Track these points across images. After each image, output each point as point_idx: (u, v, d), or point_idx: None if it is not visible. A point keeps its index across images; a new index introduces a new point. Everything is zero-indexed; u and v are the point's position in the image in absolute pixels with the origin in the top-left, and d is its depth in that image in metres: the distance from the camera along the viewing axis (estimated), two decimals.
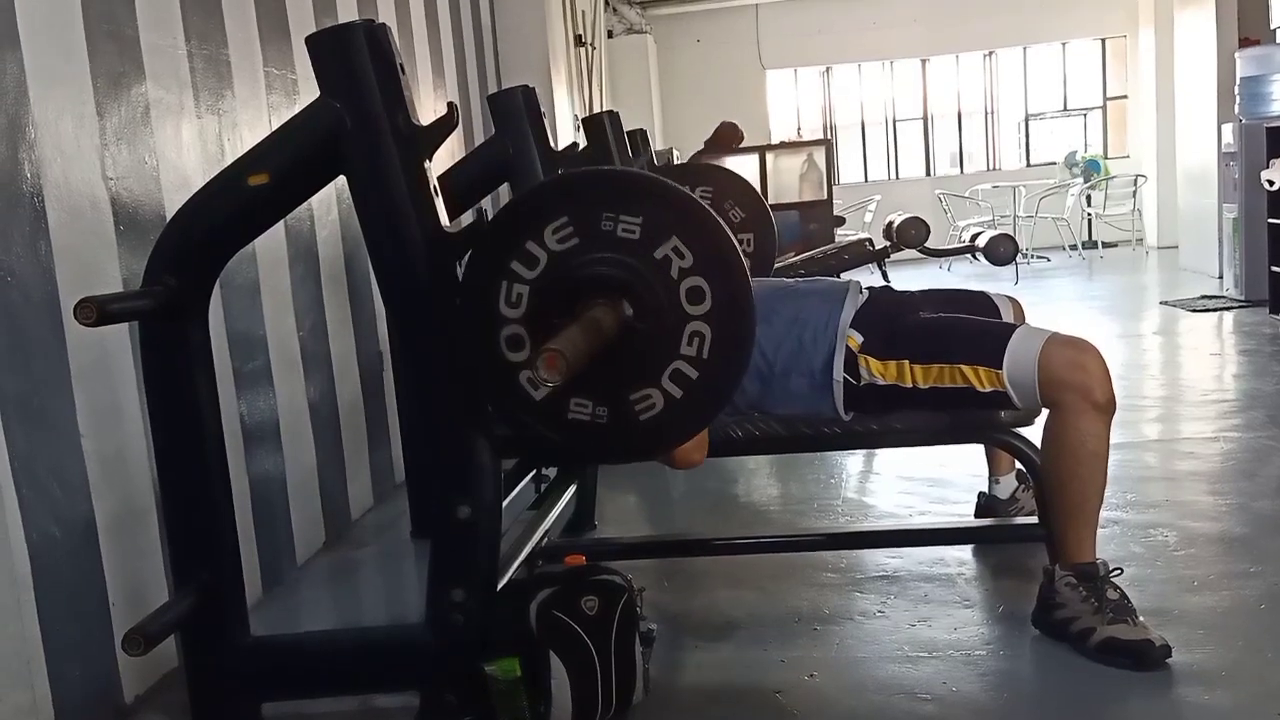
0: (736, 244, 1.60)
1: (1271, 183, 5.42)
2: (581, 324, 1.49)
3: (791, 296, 2.17)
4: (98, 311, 1.55)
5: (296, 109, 1.86)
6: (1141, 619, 1.91)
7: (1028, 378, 1.94)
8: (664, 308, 1.56)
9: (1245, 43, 6.70)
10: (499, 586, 1.85)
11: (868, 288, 2.24)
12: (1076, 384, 1.92)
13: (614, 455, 1.75)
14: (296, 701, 1.94)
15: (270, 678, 1.84)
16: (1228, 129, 6.32)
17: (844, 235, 6.28)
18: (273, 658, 1.85)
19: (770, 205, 6.72)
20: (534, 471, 2.46)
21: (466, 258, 1.68)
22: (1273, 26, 6.50)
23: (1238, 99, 6.27)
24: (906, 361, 2.02)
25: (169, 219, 1.82)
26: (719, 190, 2.91)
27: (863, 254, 4.79)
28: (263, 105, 2.78)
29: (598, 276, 1.56)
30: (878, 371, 2.03)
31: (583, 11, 7.57)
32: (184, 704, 1.85)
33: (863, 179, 11.77)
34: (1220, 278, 6.55)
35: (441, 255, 1.72)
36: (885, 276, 4.58)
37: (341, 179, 1.73)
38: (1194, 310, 6.02)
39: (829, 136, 11.01)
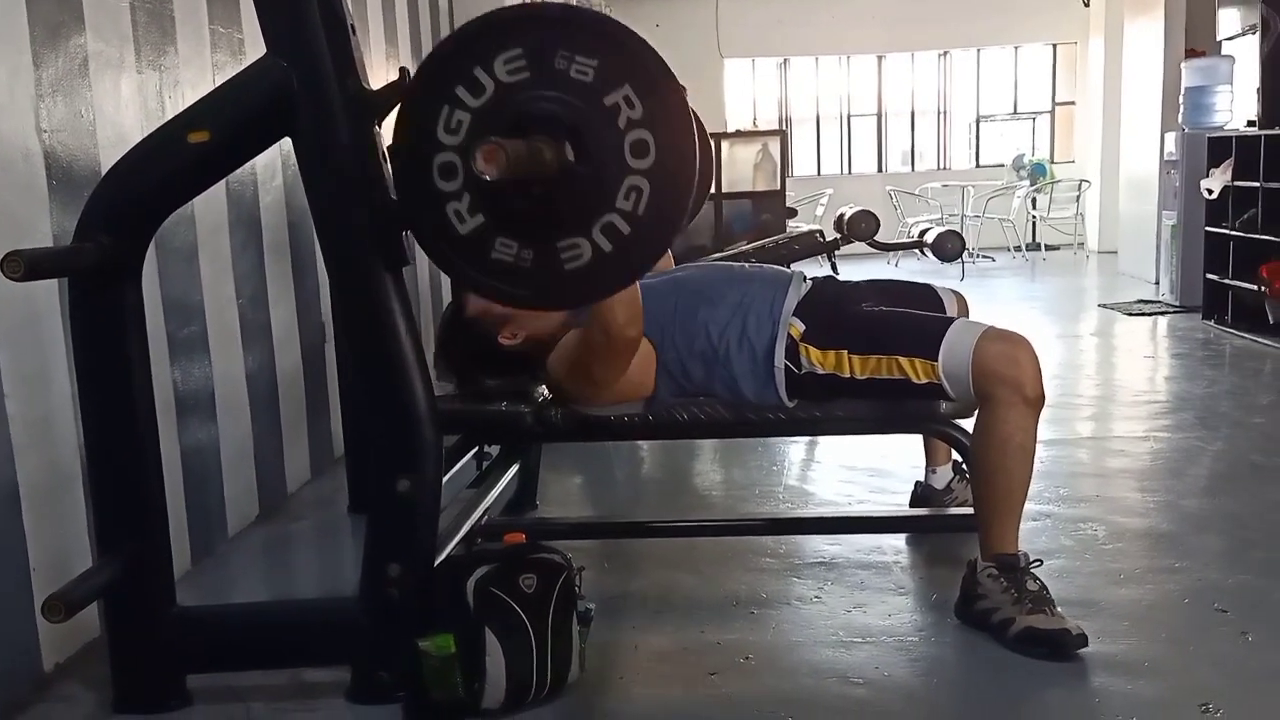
0: (688, 105, 1.55)
1: (1210, 191, 5.55)
2: (525, 142, 1.44)
3: (738, 281, 2.17)
4: (26, 266, 1.50)
5: (242, 68, 1.81)
6: (1059, 609, 1.94)
7: (962, 370, 1.96)
8: (606, 156, 1.51)
9: (1191, 54, 6.84)
10: (436, 562, 1.83)
11: (812, 278, 2.25)
12: (1008, 378, 1.95)
13: (533, 300, 1.70)
14: (224, 674, 1.90)
15: (195, 649, 1.81)
16: (1170, 138, 6.45)
17: (796, 226, 6.31)
18: (198, 629, 1.82)
19: (724, 194, 6.75)
20: (476, 449, 2.44)
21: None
22: (1218, 39, 6.65)
23: (1181, 109, 6.40)
24: (845, 351, 2.03)
25: (104, 175, 1.76)
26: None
27: (813, 245, 4.82)
28: (207, 63, 2.71)
29: (543, 113, 1.51)
30: (817, 360, 2.04)
31: None
32: (105, 675, 1.81)
33: (816, 172, 11.83)
34: (1157, 283, 6.70)
35: (388, 224, 1.69)
36: (835, 268, 4.61)
37: (287, 141, 1.69)
38: (1131, 314, 6.15)
39: (784, 128, 11.05)
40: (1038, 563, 2.01)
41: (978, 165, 11.77)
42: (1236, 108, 6.14)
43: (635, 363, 2.05)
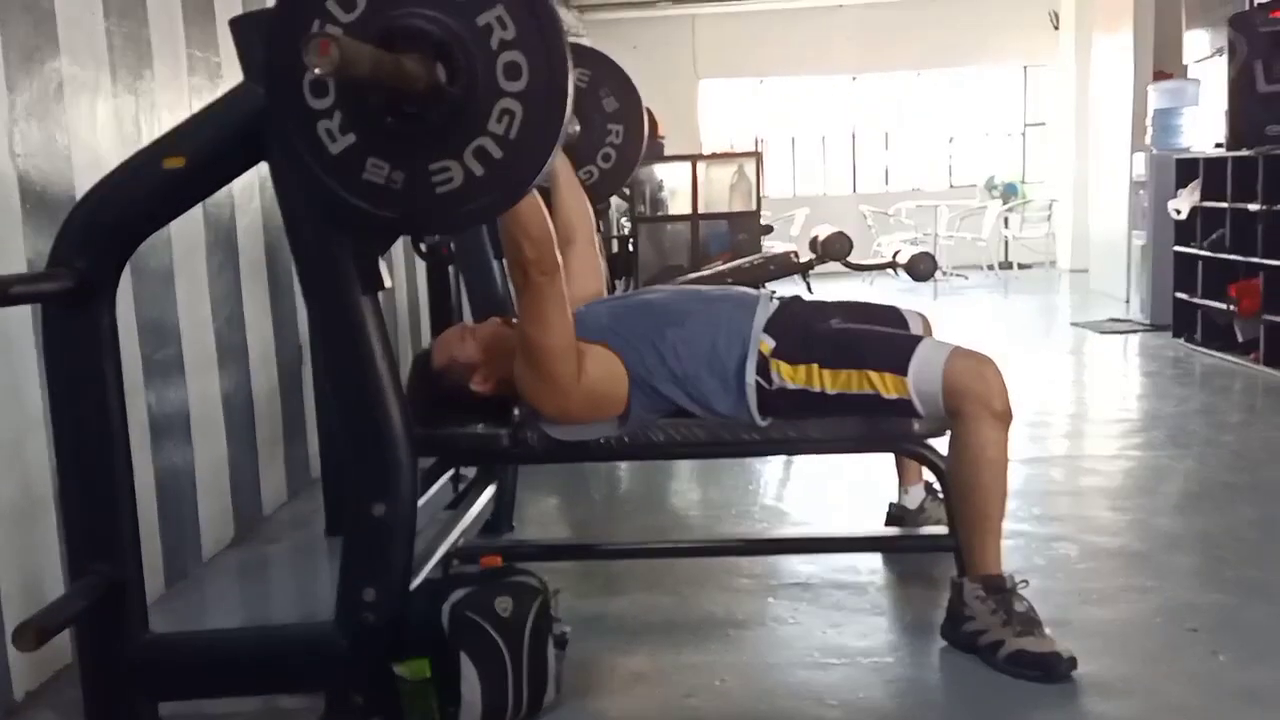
0: (563, 29, 1.52)
1: (1179, 212, 5.63)
2: (378, 50, 1.41)
3: (705, 301, 2.19)
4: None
5: (220, 93, 1.82)
6: (1049, 631, 1.96)
7: (932, 386, 1.98)
8: (477, 76, 1.48)
9: (1159, 76, 6.95)
10: (412, 586, 1.83)
11: (779, 297, 2.27)
12: (977, 393, 1.98)
13: (403, 224, 1.68)
14: (198, 701, 1.89)
15: (169, 676, 1.79)
16: (1139, 159, 6.54)
17: (771, 247, 6.35)
18: (172, 655, 1.81)
19: (700, 214, 6.77)
20: (452, 471, 2.44)
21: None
22: (1186, 61, 6.75)
23: (1150, 130, 6.49)
24: (816, 365, 2.05)
25: (79, 199, 1.76)
26: (596, 76, 2.83)
27: (788, 265, 4.85)
28: (184, 87, 2.71)
29: (414, 29, 1.48)
30: (788, 376, 2.06)
31: None
32: (78, 701, 1.79)
33: (791, 192, 11.91)
34: (1128, 302, 6.77)
35: (364, 249, 1.70)
36: (809, 288, 4.64)
37: (264, 166, 1.70)
38: (1102, 332, 6.21)
39: (759, 149, 11.12)
40: (1024, 583, 2.02)
41: (951, 185, 11.88)
42: (1204, 130, 6.23)
43: (606, 378, 2.05)
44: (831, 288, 6.09)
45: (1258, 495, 3.06)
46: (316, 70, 1.29)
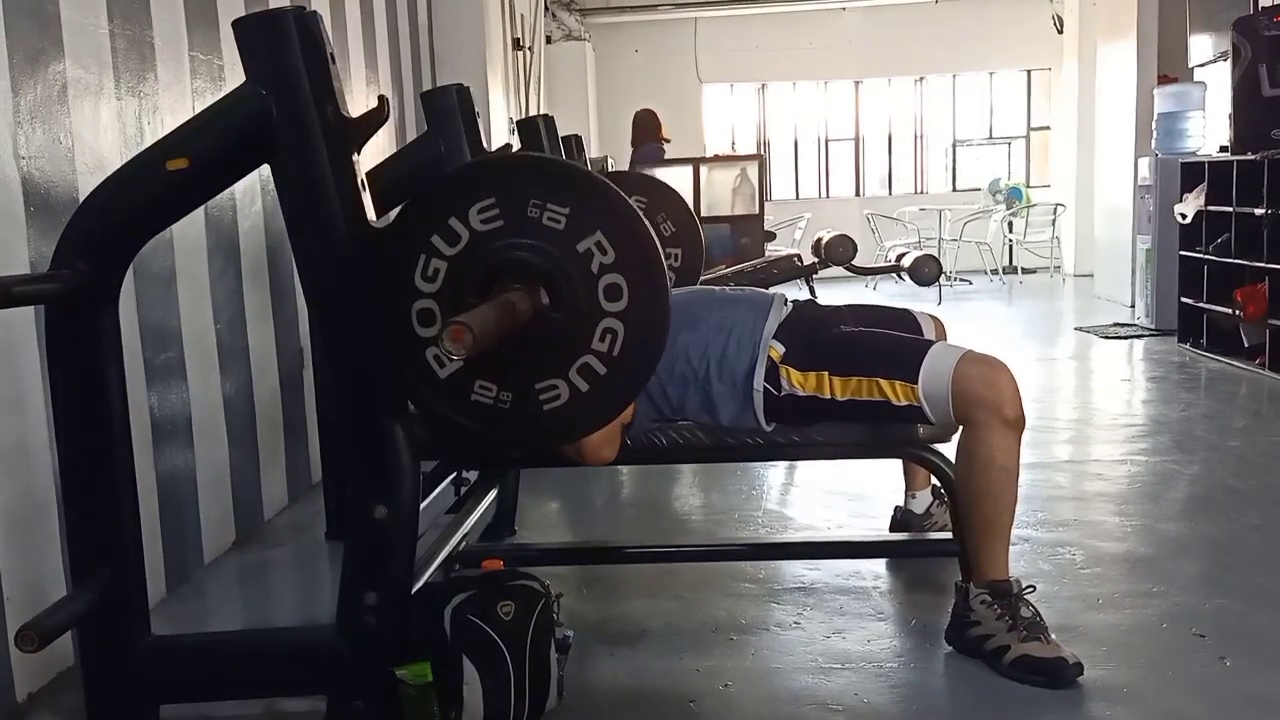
0: (660, 247, 1.60)
1: (1184, 216, 5.62)
2: (495, 304, 1.47)
3: (718, 304, 2.18)
4: (2, 293, 1.49)
5: (222, 95, 1.81)
6: (1054, 636, 1.95)
7: (941, 393, 1.97)
8: (580, 300, 1.55)
9: (1164, 80, 6.94)
10: (414, 590, 1.82)
11: (792, 301, 2.26)
12: (988, 400, 1.96)
13: (513, 443, 1.76)
14: (198, 705, 1.88)
15: (170, 679, 1.79)
16: (1144, 163, 6.53)
17: (774, 250, 6.34)
18: (174, 658, 1.80)
19: (702, 218, 6.77)
20: (454, 474, 2.43)
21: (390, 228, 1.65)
22: (1190, 65, 6.75)
23: (1154, 134, 6.49)
24: (826, 373, 2.04)
25: (82, 201, 1.75)
26: (652, 202, 2.92)
27: (791, 269, 4.84)
28: (186, 90, 2.71)
29: (517, 261, 1.55)
30: (797, 382, 2.05)
31: (522, 15, 7.54)
32: (80, 704, 1.78)
33: (794, 196, 11.92)
34: (1133, 306, 6.76)
35: (366, 251, 1.69)
36: (813, 292, 4.63)
37: (266, 168, 1.69)
38: (1107, 337, 6.20)
39: (762, 152, 11.13)
40: (1030, 588, 2.01)
41: (954, 189, 11.87)
42: (1209, 133, 6.23)
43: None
44: (835, 292, 6.08)
45: (1264, 500, 3.05)
46: (454, 356, 1.39)
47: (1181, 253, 5.70)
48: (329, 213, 1.66)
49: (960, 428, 2.02)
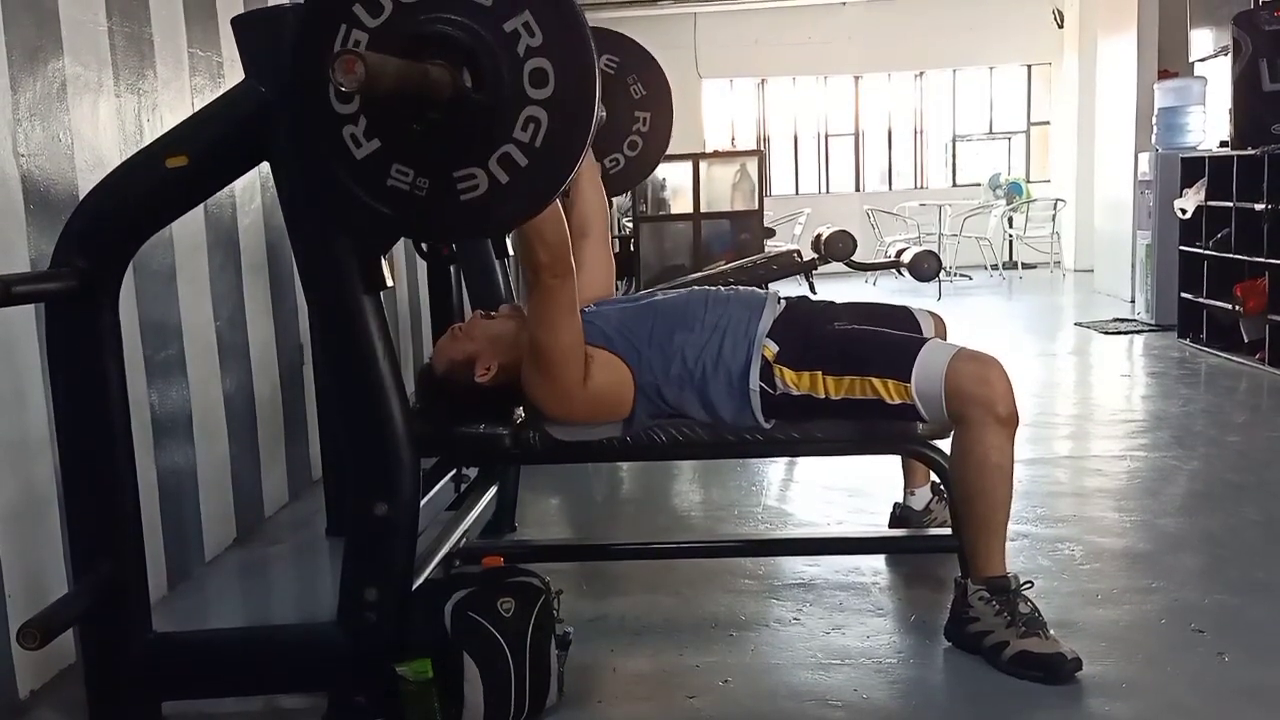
0: (589, 36, 1.51)
1: (1184, 211, 5.62)
2: (403, 60, 1.41)
3: (713, 303, 2.18)
4: (2, 291, 1.49)
5: (221, 92, 1.82)
6: (1053, 632, 1.95)
7: (935, 391, 1.97)
8: (504, 83, 1.47)
9: (1164, 75, 6.93)
10: (414, 586, 1.82)
11: (785, 297, 2.26)
12: (981, 398, 1.97)
13: (429, 230, 1.67)
14: (199, 700, 1.88)
15: (172, 675, 1.80)
16: (1144, 158, 6.52)
17: (774, 246, 6.35)
18: (175, 655, 1.81)
19: (702, 214, 6.77)
20: (454, 471, 2.43)
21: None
22: (1191, 60, 6.74)
23: (1155, 129, 6.48)
24: (819, 372, 2.04)
25: (82, 199, 1.76)
26: (624, 62, 2.77)
27: (791, 265, 4.84)
28: (185, 87, 2.71)
29: (440, 35, 1.47)
30: (792, 382, 2.05)
31: None
32: (81, 701, 1.79)
33: (794, 191, 11.90)
34: (1133, 302, 6.76)
35: (367, 248, 1.70)
36: (812, 288, 4.63)
37: (265, 165, 1.69)
38: (1106, 332, 6.20)
39: (762, 148, 11.12)
40: (1029, 584, 2.02)
41: (954, 184, 11.86)
42: (1209, 128, 6.22)
43: (611, 384, 2.05)
44: (835, 288, 6.09)
45: (1263, 496, 3.05)
46: (343, 87, 1.29)
47: (1181, 248, 5.70)
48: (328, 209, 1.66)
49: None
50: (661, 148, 2.82)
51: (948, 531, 2.19)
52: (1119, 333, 6.16)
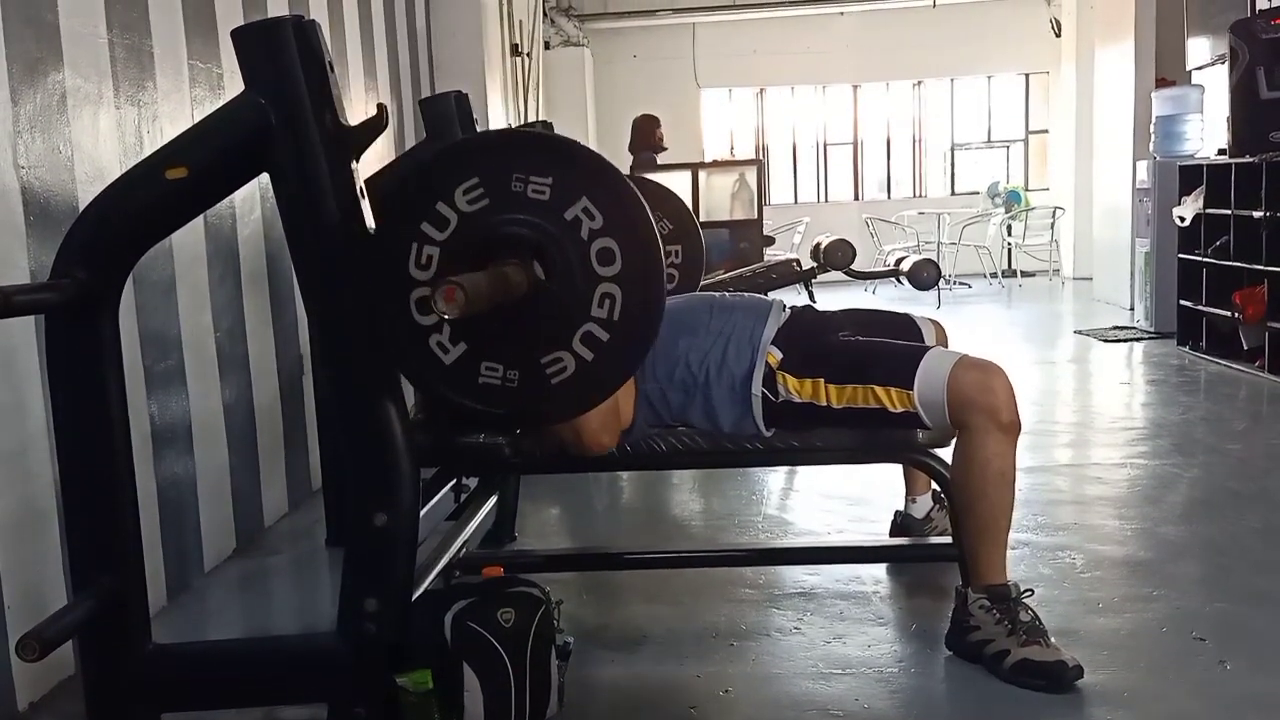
0: (646, 206, 1.59)
1: (1183, 219, 5.62)
2: (486, 272, 1.48)
3: (718, 310, 2.18)
4: (2, 302, 1.49)
5: (221, 104, 1.82)
6: (1054, 640, 1.95)
7: (937, 399, 1.98)
8: (574, 268, 1.55)
9: (1162, 83, 6.95)
10: (414, 597, 1.82)
11: (790, 306, 2.27)
12: (984, 405, 1.97)
13: (525, 419, 1.75)
14: (201, 712, 1.88)
15: (172, 687, 1.79)
16: (1142, 166, 6.53)
17: (773, 255, 6.35)
18: (175, 666, 1.80)
19: (701, 223, 6.75)
20: (454, 481, 2.43)
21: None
22: (1188, 68, 6.76)
23: (1153, 137, 6.49)
24: (822, 380, 2.04)
25: (81, 210, 1.76)
26: (650, 203, 2.89)
27: (790, 274, 4.85)
28: (186, 99, 2.71)
29: (507, 236, 1.54)
30: (794, 389, 2.05)
31: (520, 21, 7.55)
32: (81, 713, 1.78)
33: (793, 200, 11.92)
34: (1132, 309, 6.76)
35: (365, 258, 1.69)
36: (811, 296, 4.64)
37: (265, 177, 1.69)
38: (1106, 340, 6.20)
39: (761, 157, 11.13)
40: (1029, 592, 2.02)
41: (953, 193, 11.89)
42: (1207, 136, 6.23)
43: (617, 397, 2.05)
44: (834, 296, 6.09)
45: (1263, 503, 3.05)
46: (447, 315, 1.37)
47: (1180, 255, 5.71)
48: (328, 221, 1.66)
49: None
50: (696, 276, 2.97)
51: (948, 540, 2.19)
52: (1118, 340, 6.17)
